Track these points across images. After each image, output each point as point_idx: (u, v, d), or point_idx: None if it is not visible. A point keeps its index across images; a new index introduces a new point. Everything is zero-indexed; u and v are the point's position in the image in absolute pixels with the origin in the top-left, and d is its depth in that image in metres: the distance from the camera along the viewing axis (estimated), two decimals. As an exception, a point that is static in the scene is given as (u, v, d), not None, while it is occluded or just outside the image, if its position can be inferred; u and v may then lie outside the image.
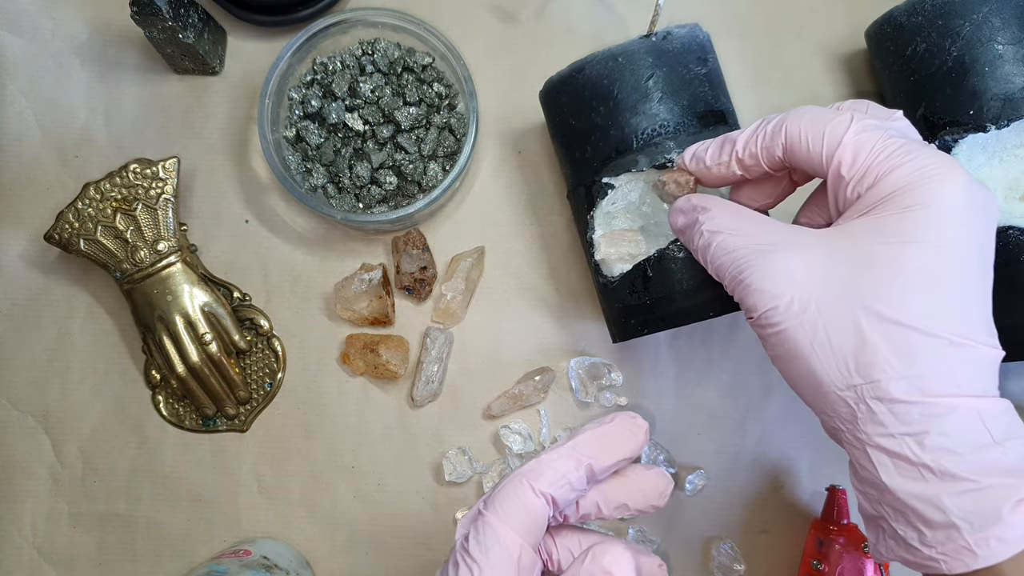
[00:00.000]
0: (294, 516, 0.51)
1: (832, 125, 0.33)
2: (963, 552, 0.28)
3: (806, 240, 0.33)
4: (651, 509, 0.35)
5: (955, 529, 0.29)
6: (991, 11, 0.41)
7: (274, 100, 0.48)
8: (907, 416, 0.30)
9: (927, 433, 0.29)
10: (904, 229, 0.30)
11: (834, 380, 0.31)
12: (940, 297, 0.30)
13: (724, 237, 0.35)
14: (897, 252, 0.30)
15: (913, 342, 0.30)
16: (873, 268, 0.31)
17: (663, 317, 0.42)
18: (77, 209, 0.49)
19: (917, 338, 0.30)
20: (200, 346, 0.49)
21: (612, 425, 0.34)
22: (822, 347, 0.31)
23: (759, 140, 0.35)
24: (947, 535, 0.29)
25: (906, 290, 0.30)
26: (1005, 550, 0.28)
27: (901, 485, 0.30)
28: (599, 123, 0.43)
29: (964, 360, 0.30)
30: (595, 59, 0.42)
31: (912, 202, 0.30)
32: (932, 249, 0.30)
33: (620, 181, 0.43)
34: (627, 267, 0.43)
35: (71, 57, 0.53)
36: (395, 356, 0.50)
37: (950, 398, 0.29)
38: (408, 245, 0.50)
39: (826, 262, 0.32)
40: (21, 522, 0.51)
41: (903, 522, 0.30)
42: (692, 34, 0.43)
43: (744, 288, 0.33)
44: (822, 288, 0.31)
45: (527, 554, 0.31)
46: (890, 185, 0.31)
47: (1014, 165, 0.42)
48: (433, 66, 0.50)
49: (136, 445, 0.51)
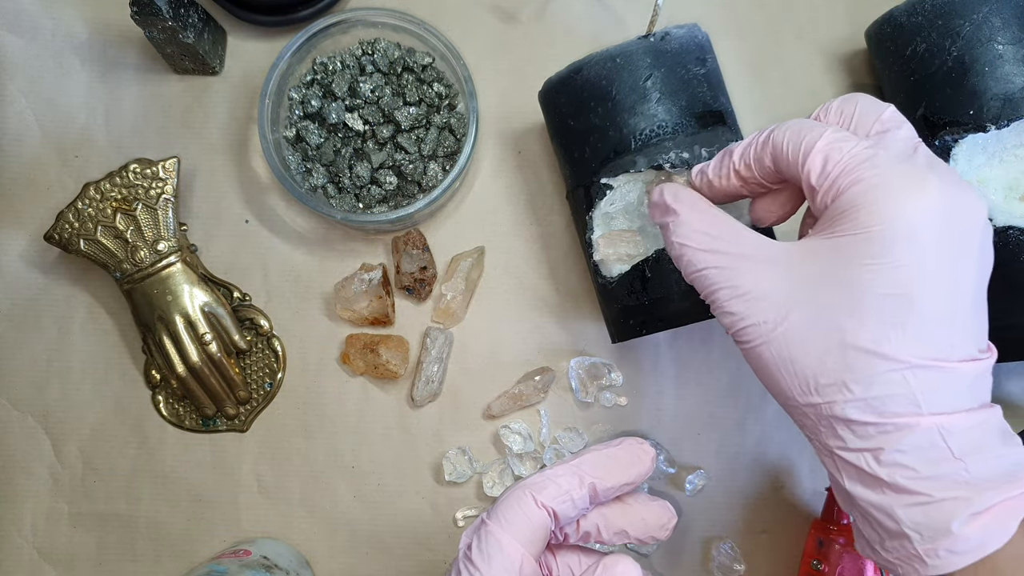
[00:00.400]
0: (294, 516, 0.51)
1: (809, 135, 0.32)
2: (914, 560, 0.29)
3: (772, 256, 0.33)
4: (651, 540, 0.35)
5: (907, 539, 0.29)
6: (991, 11, 0.41)
7: (274, 100, 0.48)
8: (863, 433, 0.30)
9: (882, 450, 0.30)
10: (861, 251, 0.30)
11: (797, 396, 0.32)
12: (900, 321, 0.30)
13: (692, 252, 0.35)
14: (856, 275, 0.30)
15: (871, 366, 0.30)
16: (832, 291, 0.31)
17: (661, 318, 0.42)
18: (77, 209, 0.49)
19: (875, 362, 0.30)
20: (200, 346, 0.49)
21: (619, 448, 0.34)
22: (786, 367, 0.32)
23: (752, 151, 0.35)
24: (900, 544, 0.30)
25: (864, 315, 0.30)
26: (956, 561, 0.29)
27: (860, 493, 0.31)
28: (597, 124, 0.43)
29: (927, 380, 0.30)
30: (593, 60, 0.42)
31: (869, 222, 0.30)
32: (890, 271, 0.30)
33: (619, 182, 0.43)
34: (625, 268, 0.43)
35: (71, 57, 0.53)
36: (395, 356, 0.50)
37: (908, 417, 0.29)
38: (408, 245, 0.50)
39: (789, 280, 0.32)
40: (21, 522, 0.51)
41: (867, 525, 0.31)
42: (691, 34, 0.43)
43: (715, 307, 0.34)
44: (785, 309, 0.31)
45: (528, 563, 0.31)
46: (848, 201, 0.31)
47: (1014, 165, 0.42)
48: (433, 66, 0.50)
49: (136, 445, 0.51)
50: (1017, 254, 0.41)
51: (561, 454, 0.50)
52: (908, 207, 0.30)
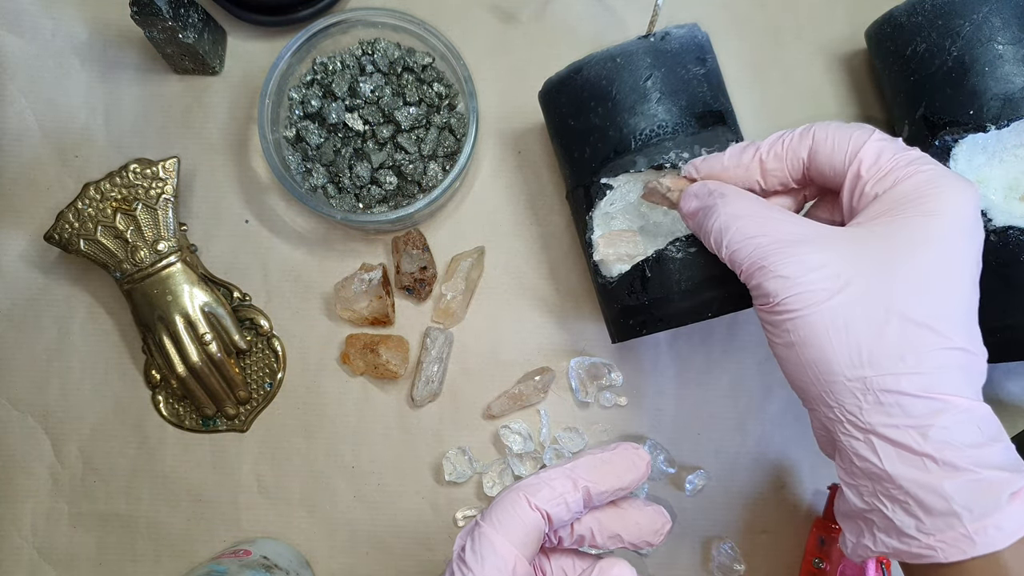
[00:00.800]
0: (294, 516, 0.51)
1: (858, 132, 0.35)
2: (961, 540, 0.30)
3: (831, 234, 0.34)
4: (645, 545, 0.35)
5: (955, 517, 0.30)
6: (991, 11, 0.41)
7: (274, 100, 0.48)
8: (913, 409, 0.31)
9: (931, 427, 0.30)
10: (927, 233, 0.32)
11: (844, 369, 0.32)
12: (952, 301, 0.32)
13: (745, 222, 0.35)
14: (920, 254, 0.32)
15: (928, 342, 0.31)
16: (896, 267, 0.32)
17: (661, 318, 0.42)
18: (77, 209, 0.49)
19: (931, 338, 0.31)
20: (200, 346, 0.49)
21: (614, 453, 0.34)
22: (838, 335, 0.32)
23: (785, 142, 0.36)
24: (947, 522, 0.30)
25: (923, 292, 0.31)
26: (1002, 539, 0.29)
27: (904, 472, 0.31)
28: (597, 124, 0.43)
29: (966, 365, 0.32)
30: (593, 60, 0.42)
31: (934, 208, 0.32)
32: (948, 255, 0.32)
33: (619, 182, 0.43)
34: (625, 268, 0.43)
35: (71, 57, 0.53)
36: (395, 356, 0.50)
37: (952, 397, 0.31)
38: (408, 245, 0.50)
39: (850, 257, 0.33)
40: (21, 522, 0.51)
41: (901, 511, 0.31)
42: (691, 34, 0.43)
43: (765, 273, 0.34)
44: (845, 280, 0.32)
45: (522, 565, 0.31)
46: (912, 189, 0.33)
47: (1014, 165, 0.42)
48: (433, 66, 0.50)
49: (136, 445, 0.51)
50: (1017, 254, 0.41)
51: (561, 454, 0.50)
52: (966, 201, 0.33)
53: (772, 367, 0.51)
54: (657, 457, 0.50)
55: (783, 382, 0.51)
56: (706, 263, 0.41)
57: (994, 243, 0.41)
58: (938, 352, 0.31)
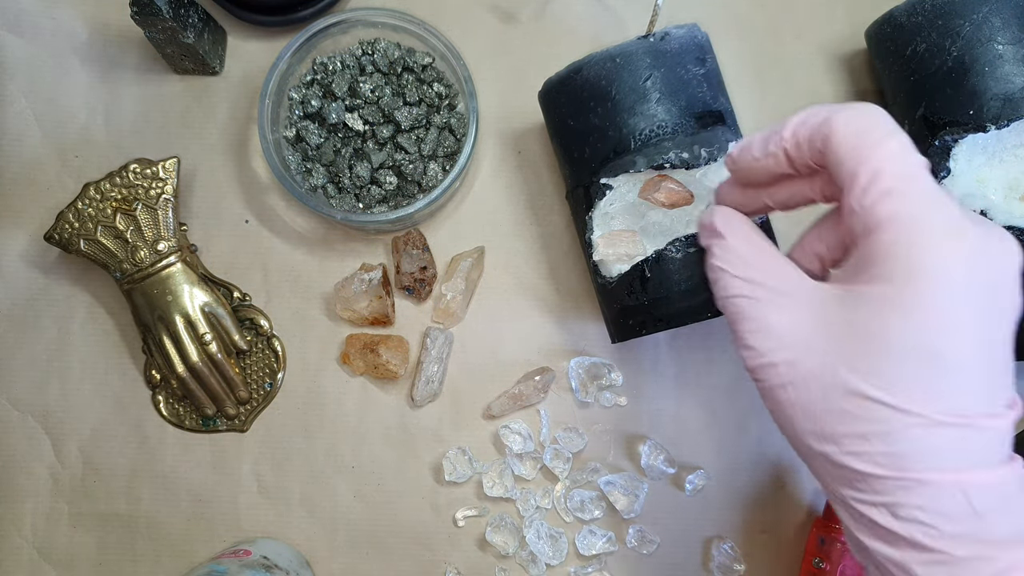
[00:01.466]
0: (294, 516, 0.51)
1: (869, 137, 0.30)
2: None
3: (803, 295, 0.32)
4: None
5: None
6: (991, 11, 0.41)
7: (274, 100, 0.48)
8: (881, 487, 0.29)
9: (901, 505, 0.29)
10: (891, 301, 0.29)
11: (811, 445, 0.31)
12: (925, 376, 0.29)
13: (728, 278, 0.34)
14: (883, 326, 0.29)
15: (892, 420, 0.29)
16: (857, 340, 0.30)
17: (661, 318, 0.42)
18: (77, 209, 0.49)
19: (897, 416, 0.29)
20: (200, 346, 0.49)
21: None
22: (801, 411, 0.31)
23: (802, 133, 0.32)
24: None
25: (886, 366, 0.29)
26: None
27: (875, 546, 0.30)
28: (597, 124, 0.43)
29: (950, 437, 0.28)
30: (593, 60, 0.42)
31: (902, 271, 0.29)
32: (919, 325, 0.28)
33: (618, 182, 0.43)
34: (625, 268, 0.43)
35: (71, 57, 0.53)
36: (395, 356, 0.50)
37: (929, 473, 0.28)
38: (408, 245, 0.50)
39: (815, 324, 0.31)
40: (21, 522, 0.51)
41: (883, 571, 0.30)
42: (690, 34, 0.43)
43: (737, 339, 0.34)
44: (805, 352, 0.31)
45: None
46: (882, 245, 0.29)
47: (1014, 165, 0.42)
48: (433, 66, 0.50)
49: (136, 445, 0.51)
50: (1017, 254, 0.41)
51: (561, 454, 0.50)
52: (944, 257, 0.28)
53: (772, 367, 0.51)
54: (657, 457, 0.50)
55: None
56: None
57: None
58: (909, 431, 0.28)
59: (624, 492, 0.50)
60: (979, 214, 0.42)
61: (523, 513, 0.50)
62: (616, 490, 0.50)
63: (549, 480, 0.51)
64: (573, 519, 0.50)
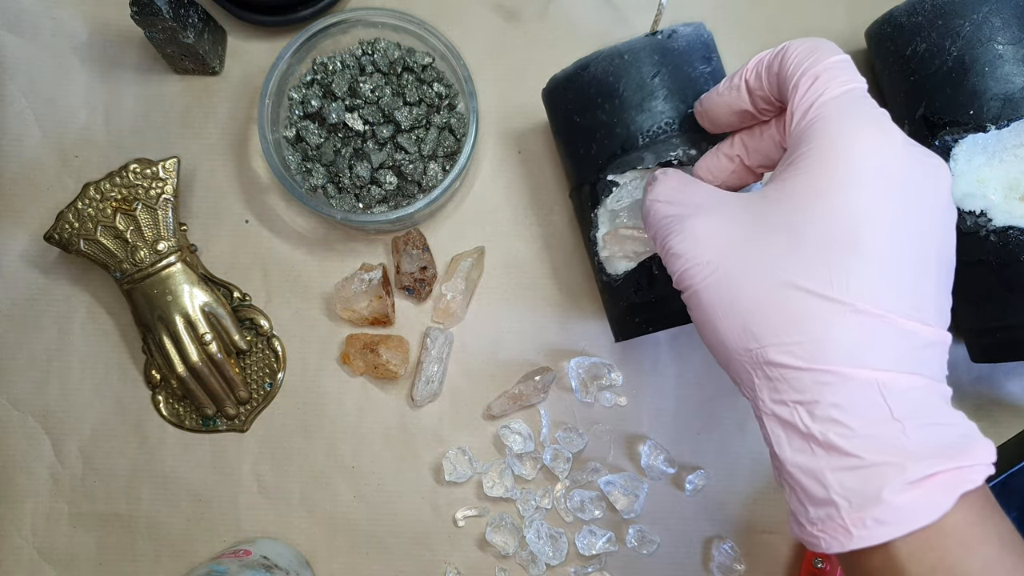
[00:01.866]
0: (294, 516, 0.51)
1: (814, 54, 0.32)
2: (839, 531, 0.28)
3: (726, 203, 0.33)
4: None
5: (834, 506, 0.28)
6: (991, 11, 0.41)
7: (274, 100, 0.48)
8: (799, 383, 0.29)
9: (818, 403, 0.28)
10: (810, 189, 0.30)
11: (735, 344, 0.31)
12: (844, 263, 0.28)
13: (660, 206, 0.36)
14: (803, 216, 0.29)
15: (810, 308, 0.29)
16: (778, 232, 0.30)
17: (667, 314, 0.42)
18: (77, 209, 0.49)
19: (815, 304, 0.29)
20: (200, 346, 0.49)
21: None
22: (724, 310, 0.31)
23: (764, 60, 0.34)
24: (827, 512, 0.28)
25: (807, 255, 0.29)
26: (883, 532, 0.27)
27: (790, 457, 0.29)
28: (604, 120, 0.43)
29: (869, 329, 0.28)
30: (600, 56, 0.42)
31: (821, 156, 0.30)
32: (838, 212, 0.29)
33: (625, 179, 0.43)
34: (632, 265, 0.43)
35: (71, 57, 0.53)
36: (395, 356, 0.50)
37: (846, 367, 0.28)
38: (408, 245, 0.50)
39: (738, 225, 0.32)
40: (21, 522, 0.51)
41: (794, 499, 0.30)
42: (697, 33, 0.43)
43: (665, 253, 0.34)
44: (728, 251, 0.31)
45: None
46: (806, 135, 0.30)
47: (1014, 165, 0.42)
48: (433, 66, 0.50)
49: (136, 445, 0.51)
50: (1017, 254, 0.41)
51: (561, 454, 0.50)
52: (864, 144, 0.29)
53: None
54: (657, 457, 0.50)
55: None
56: None
57: (994, 243, 0.41)
58: (827, 318, 0.28)
59: (624, 492, 0.50)
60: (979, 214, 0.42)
61: (523, 513, 0.50)
62: (616, 490, 0.50)
63: (549, 480, 0.51)
64: (573, 519, 0.50)
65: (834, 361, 0.28)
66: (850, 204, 0.29)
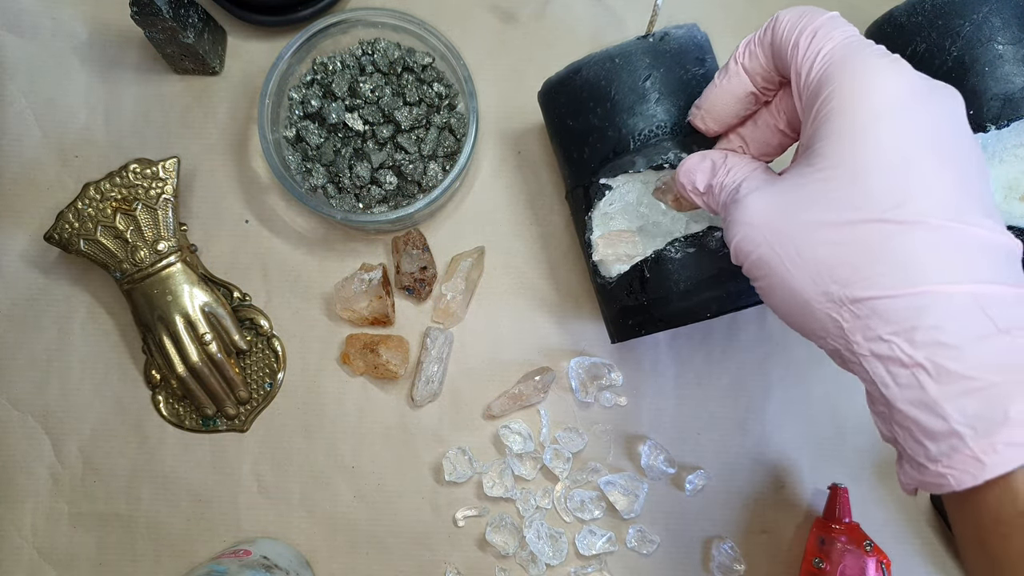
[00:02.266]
0: (294, 516, 0.51)
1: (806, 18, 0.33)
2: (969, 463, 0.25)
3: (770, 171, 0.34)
4: None
5: (958, 437, 0.26)
6: (991, 11, 0.41)
7: (274, 100, 0.48)
8: (892, 313, 0.27)
9: (916, 328, 0.26)
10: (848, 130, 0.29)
11: (813, 294, 0.29)
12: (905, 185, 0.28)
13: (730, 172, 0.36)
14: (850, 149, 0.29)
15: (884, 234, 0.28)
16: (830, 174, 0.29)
17: (660, 318, 0.42)
18: (77, 209, 0.49)
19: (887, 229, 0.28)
20: (200, 346, 0.49)
21: None
22: (794, 263, 0.30)
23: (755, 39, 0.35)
24: (951, 445, 0.26)
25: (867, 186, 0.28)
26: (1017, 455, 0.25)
27: (898, 395, 0.27)
28: (596, 124, 0.43)
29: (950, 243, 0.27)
30: (592, 60, 0.42)
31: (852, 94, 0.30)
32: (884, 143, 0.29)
33: (618, 182, 0.43)
34: (625, 268, 0.43)
35: (71, 57, 0.53)
36: (395, 356, 0.50)
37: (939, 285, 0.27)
38: (408, 245, 0.50)
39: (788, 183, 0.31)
40: (21, 522, 0.51)
41: (911, 439, 0.27)
42: (690, 34, 0.43)
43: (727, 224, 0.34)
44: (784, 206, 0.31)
45: None
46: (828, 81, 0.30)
47: (1014, 165, 0.42)
48: (433, 66, 0.50)
49: (136, 445, 0.51)
50: (1017, 254, 0.41)
51: (561, 454, 0.50)
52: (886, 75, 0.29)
53: (772, 367, 0.51)
54: (657, 457, 0.50)
55: (783, 382, 0.51)
56: (705, 263, 0.41)
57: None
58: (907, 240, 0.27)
59: (624, 492, 0.50)
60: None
61: (523, 513, 0.50)
62: (616, 490, 0.50)
63: (549, 480, 0.51)
64: (573, 519, 0.50)
65: (923, 281, 0.27)
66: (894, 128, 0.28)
